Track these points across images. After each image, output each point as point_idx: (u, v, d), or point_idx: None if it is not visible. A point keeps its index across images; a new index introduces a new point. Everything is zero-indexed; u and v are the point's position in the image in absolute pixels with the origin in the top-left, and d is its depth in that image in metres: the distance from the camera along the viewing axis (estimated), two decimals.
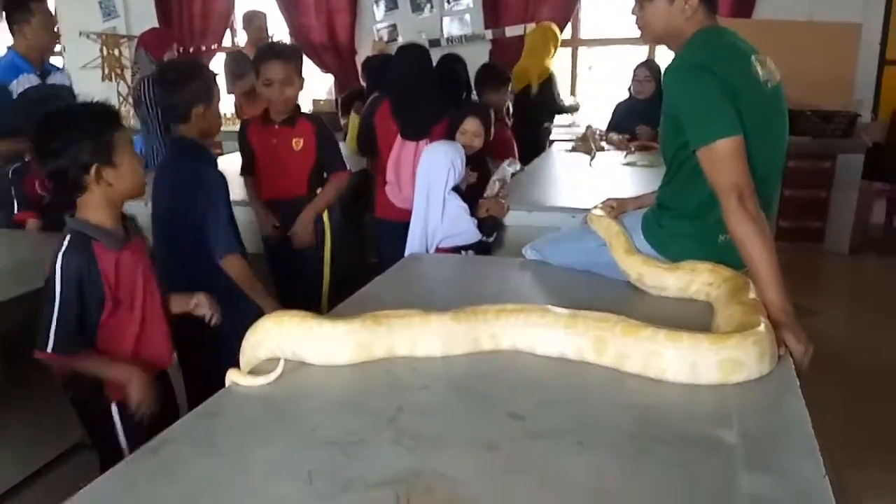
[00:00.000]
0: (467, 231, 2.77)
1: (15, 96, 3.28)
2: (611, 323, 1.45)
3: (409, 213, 2.93)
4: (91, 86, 6.63)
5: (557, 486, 1.08)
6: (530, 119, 4.72)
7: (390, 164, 3.38)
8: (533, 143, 4.57)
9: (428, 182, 2.79)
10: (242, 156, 3.09)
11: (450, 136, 3.03)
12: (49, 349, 1.74)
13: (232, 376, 1.47)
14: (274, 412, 1.34)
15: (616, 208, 2.09)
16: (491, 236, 2.82)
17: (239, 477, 1.13)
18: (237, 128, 3.19)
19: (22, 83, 3.33)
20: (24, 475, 2.42)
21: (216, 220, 2.31)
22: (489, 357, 1.50)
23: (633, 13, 1.94)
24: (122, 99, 6.70)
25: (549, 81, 4.77)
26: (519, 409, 1.28)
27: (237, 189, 2.97)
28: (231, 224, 2.38)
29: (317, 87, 6.72)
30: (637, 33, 1.96)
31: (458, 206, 2.77)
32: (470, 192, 2.91)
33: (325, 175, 3.03)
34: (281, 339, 1.51)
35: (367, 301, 1.87)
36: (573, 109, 5.20)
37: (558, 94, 4.87)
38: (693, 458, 1.14)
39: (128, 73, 6.74)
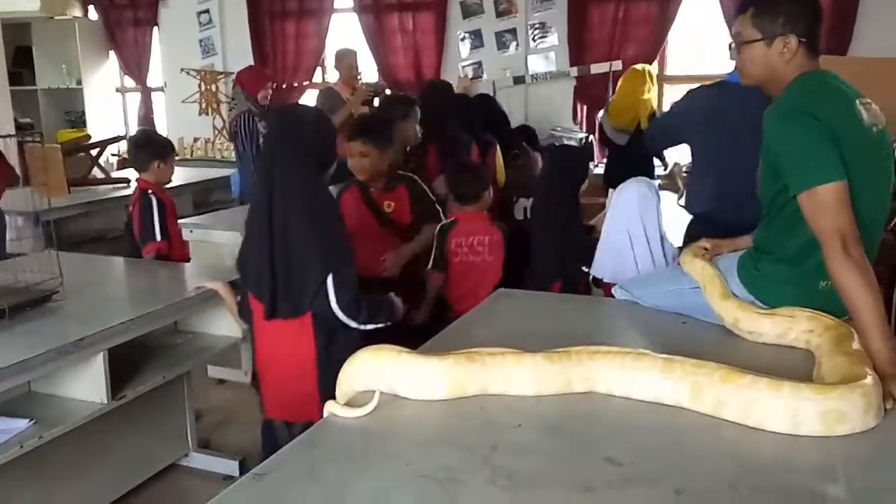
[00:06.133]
0: None
1: None
2: (709, 369, 1.43)
3: None
4: (189, 118, 6.96)
5: None
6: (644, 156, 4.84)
7: None
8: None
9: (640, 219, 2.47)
10: None
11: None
12: None
13: (329, 408, 1.52)
14: (371, 444, 1.37)
15: (710, 250, 2.06)
16: None
17: None
18: None
19: None
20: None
21: None
22: (582, 399, 1.50)
23: (730, 58, 1.93)
24: (216, 131, 6.99)
25: (654, 116, 4.84)
26: (615, 454, 1.28)
27: None
28: None
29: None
30: (726, 70, 1.95)
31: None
32: None
33: None
34: (377, 372, 1.54)
35: (458, 337, 1.89)
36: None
37: None
38: None
39: (223, 108, 7.03)
